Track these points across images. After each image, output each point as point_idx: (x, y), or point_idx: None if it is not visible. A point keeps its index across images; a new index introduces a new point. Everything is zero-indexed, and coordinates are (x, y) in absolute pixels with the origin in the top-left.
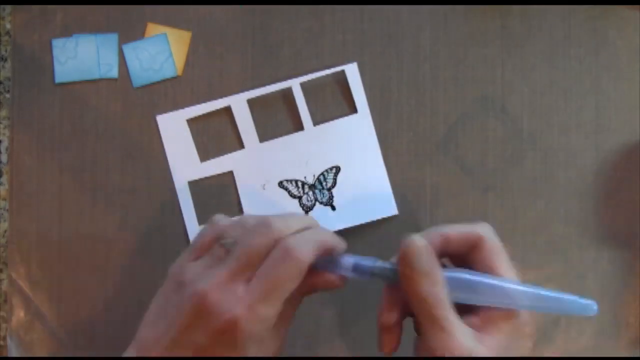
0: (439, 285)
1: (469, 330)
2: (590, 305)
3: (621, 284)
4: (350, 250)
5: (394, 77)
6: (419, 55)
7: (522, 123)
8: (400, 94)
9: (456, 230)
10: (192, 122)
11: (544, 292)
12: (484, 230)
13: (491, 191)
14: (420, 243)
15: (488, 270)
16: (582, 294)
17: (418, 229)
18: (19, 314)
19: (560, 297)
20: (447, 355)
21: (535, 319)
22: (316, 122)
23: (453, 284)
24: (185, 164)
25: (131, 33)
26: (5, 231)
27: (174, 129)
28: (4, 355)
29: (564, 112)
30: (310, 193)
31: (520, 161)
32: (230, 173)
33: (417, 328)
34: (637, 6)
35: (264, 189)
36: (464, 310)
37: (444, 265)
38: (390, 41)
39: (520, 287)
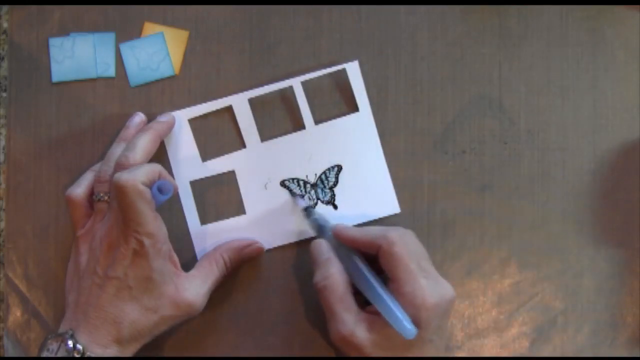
0: (331, 278)
1: (362, 317)
2: (410, 330)
3: (618, 283)
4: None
5: (392, 77)
6: (417, 54)
7: (520, 122)
8: (398, 93)
9: (363, 237)
10: (193, 121)
11: (386, 302)
12: (388, 239)
13: (488, 190)
14: (321, 245)
15: (388, 272)
16: (579, 293)
17: (417, 228)
18: (16, 313)
19: (392, 311)
20: (336, 337)
21: (439, 322)
22: (317, 121)
23: (349, 262)
24: (186, 163)
25: (128, 32)
26: (1, 231)
27: (176, 128)
28: (1, 354)
29: (561, 112)
30: (312, 192)
31: (517, 160)
32: (232, 172)
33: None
34: (635, 6)
35: (266, 188)
36: None
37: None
38: (387, 40)
39: (375, 290)
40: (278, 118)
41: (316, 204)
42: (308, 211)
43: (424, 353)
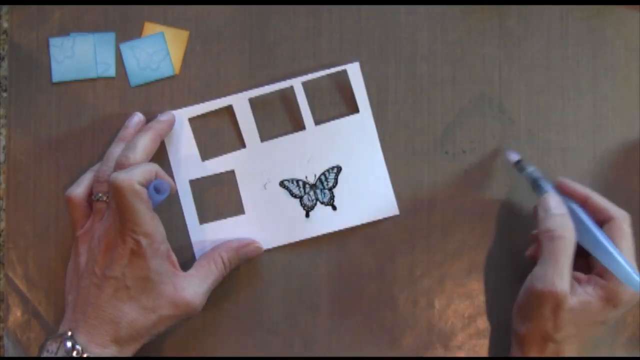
0: (569, 232)
1: (573, 276)
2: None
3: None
4: (350, 250)
5: (392, 77)
6: (417, 54)
7: (520, 122)
8: (398, 93)
9: (598, 199)
10: (193, 121)
11: (615, 255)
12: (623, 215)
13: (488, 190)
14: (558, 199)
15: None
16: None
17: (417, 228)
18: (16, 313)
19: (622, 265)
20: (550, 289)
21: (623, 310)
22: (317, 122)
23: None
24: (186, 162)
25: (129, 32)
26: (1, 231)
27: (176, 127)
28: (1, 354)
29: (561, 111)
30: (312, 193)
31: None
32: (232, 172)
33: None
34: (635, 6)
35: (265, 188)
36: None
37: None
38: (387, 41)
39: (604, 244)
40: (278, 118)
41: (315, 204)
42: (521, 164)
43: (596, 333)
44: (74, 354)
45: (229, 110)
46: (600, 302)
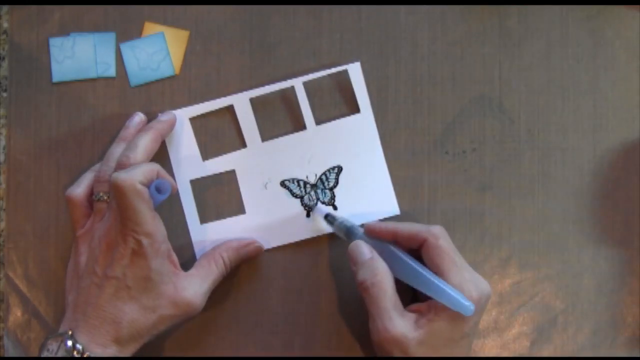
0: (380, 276)
1: (407, 315)
2: (468, 306)
3: (619, 283)
4: None
5: (392, 77)
6: (417, 54)
7: (520, 122)
8: (398, 93)
9: (405, 229)
10: (194, 120)
11: (436, 284)
12: (432, 233)
13: (488, 190)
14: (361, 245)
15: (432, 266)
16: (579, 293)
17: None
18: (16, 313)
19: (447, 292)
20: (385, 336)
21: (477, 318)
22: (318, 122)
23: (386, 255)
24: (187, 162)
25: (129, 32)
26: (1, 231)
27: (176, 127)
28: (1, 354)
29: (561, 112)
30: (312, 193)
31: (517, 160)
32: (232, 172)
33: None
34: (635, 6)
35: (266, 188)
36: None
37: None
38: (388, 41)
39: (424, 275)
40: (279, 118)
41: (316, 204)
42: (331, 217)
43: (460, 348)
44: (75, 353)
45: (229, 110)
46: (447, 322)
